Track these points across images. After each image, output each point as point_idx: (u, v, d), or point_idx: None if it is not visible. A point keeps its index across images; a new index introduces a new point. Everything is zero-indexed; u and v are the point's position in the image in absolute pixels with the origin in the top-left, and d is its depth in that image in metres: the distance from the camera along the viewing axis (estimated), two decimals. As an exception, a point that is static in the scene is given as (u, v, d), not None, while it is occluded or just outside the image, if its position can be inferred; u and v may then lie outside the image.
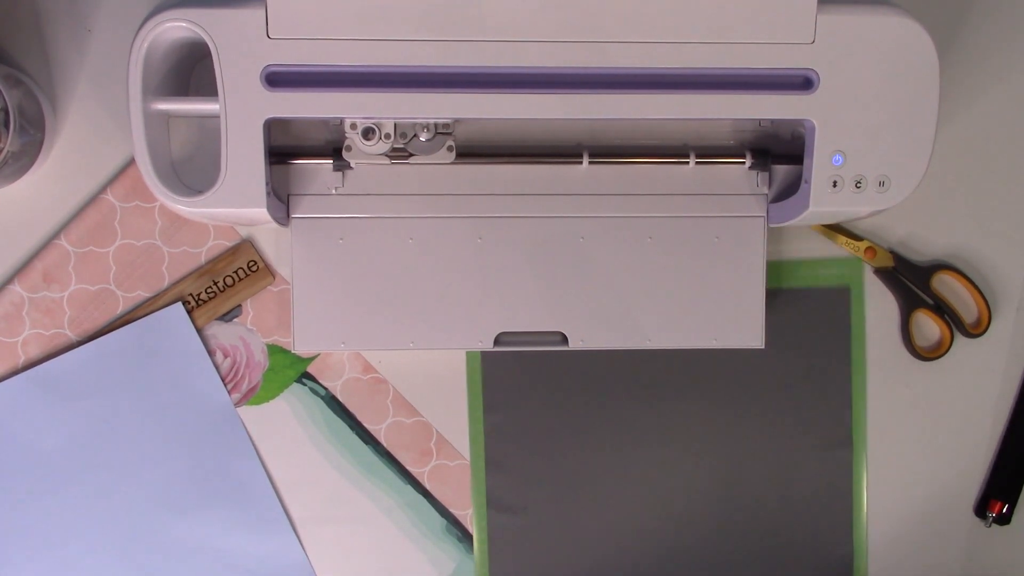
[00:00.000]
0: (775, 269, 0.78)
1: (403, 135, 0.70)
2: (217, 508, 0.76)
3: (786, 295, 0.79)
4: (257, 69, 0.64)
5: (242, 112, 0.64)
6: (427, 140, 0.71)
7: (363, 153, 0.70)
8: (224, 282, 0.75)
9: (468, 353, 0.78)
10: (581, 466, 0.79)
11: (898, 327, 0.80)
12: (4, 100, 0.67)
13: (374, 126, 0.70)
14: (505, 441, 0.79)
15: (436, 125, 0.70)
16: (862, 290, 0.79)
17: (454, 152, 0.71)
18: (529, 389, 0.79)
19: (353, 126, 0.70)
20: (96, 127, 0.75)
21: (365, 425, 0.77)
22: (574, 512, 0.79)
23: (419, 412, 0.78)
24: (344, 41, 0.64)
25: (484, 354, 0.79)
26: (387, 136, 0.70)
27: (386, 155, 0.71)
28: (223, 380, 0.76)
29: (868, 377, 0.79)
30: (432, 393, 0.78)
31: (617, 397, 0.79)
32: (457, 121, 0.71)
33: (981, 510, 0.80)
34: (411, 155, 0.71)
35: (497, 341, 0.74)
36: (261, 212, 0.66)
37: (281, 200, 0.71)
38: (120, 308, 0.75)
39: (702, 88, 0.66)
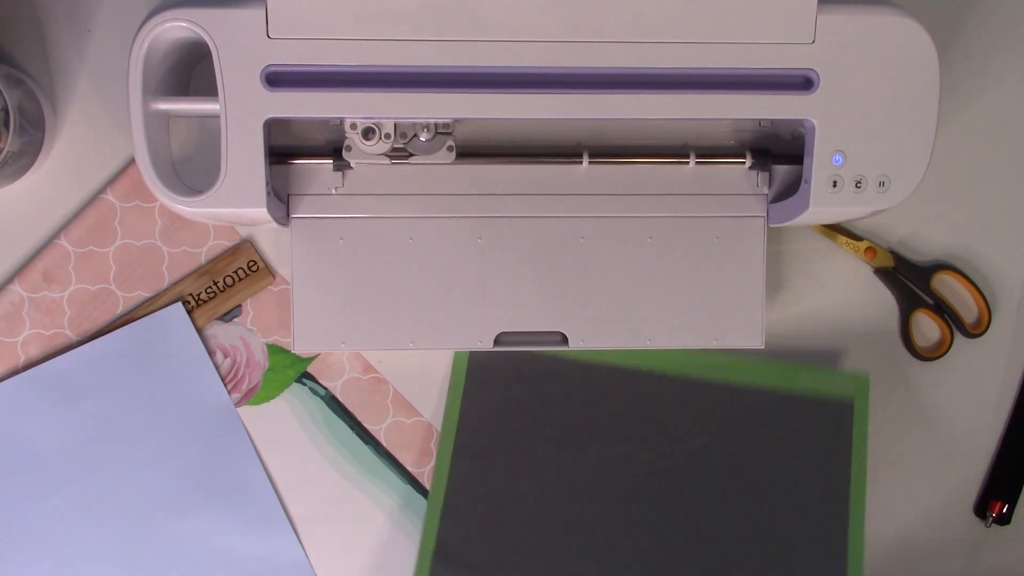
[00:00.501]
0: (773, 370, 0.77)
1: (403, 135, 0.70)
2: (217, 508, 0.76)
3: (785, 401, 0.76)
4: (257, 69, 0.64)
5: (242, 112, 0.64)
6: (427, 140, 0.71)
7: (363, 153, 0.70)
8: (224, 282, 0.75)
9: (452, 381, 0.77)
10: (544, 525, 0.76)
11: (898, 327, 0.80)
12: (4, 100, 0.67)
13: (374, 126, 0.70)
14: (468, 489, 0.76)
15: (436, 125, 0.70)
16: (866, 406, 0.76)
17: (454, 152, 0.71)
18: (504, 432, 0.77)
19: (353, 126, 0.70)
20: (96, 127, 0.75)
21: (365, 425, 0.77)
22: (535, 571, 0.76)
23: (419, 412, 0.78)
24: (344, 41, 0.64)
25: (467, 387, 0.77)
26: (387, 136, 0.70)
27: (386, 155, 0.71)
28: (223, 380, 0.76)
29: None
30: (432, 393, 0.78)
31: (597, 455, 0.77)
32: (457, 121, 0.71)
33: (981, 510, 0.80)
34: (411, 155, 0.71)
35: (497, 341, 0.74)
36: (261, 212, 0.66)
37: (281, 200, 0.71)
38: (120, 308, 0.75)
39: (702, 88, 0.66)
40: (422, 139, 0.71)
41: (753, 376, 0.77)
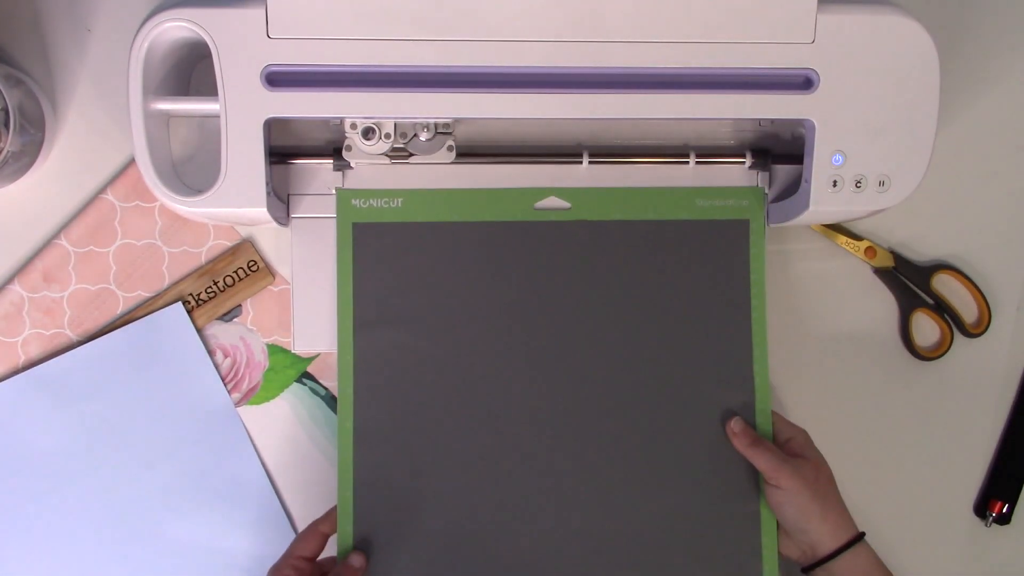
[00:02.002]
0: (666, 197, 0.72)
1: (403, 135, 0.70)
2: (217, 508, 0.76)
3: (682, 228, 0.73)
4: (257, 69, 0.64)
5: (242, 112, 0.64)
6: (427, 140, 0.71)
7: (363, 153, 0.70)
8: (224, 282, 0.75)
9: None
10: (461, 389, 0.72)
11: (898, 327, 0.80)
12: (4, 100, 0.67)
13: (374, 126, 0.70)
14: (376, 368, 0.72)
15: (436, 125, 0.70)
16: (762, 220, 0.73)
17: (454, 152, 0.71)
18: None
19: (353, 126, 0.70)
20: (96, 127, 0.75)
21: (365, 425, 0.77)
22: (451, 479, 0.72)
23: (419, 412, 0.78)
24: (344, 41, 0.64)
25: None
26: (387, 136, 0.70)
27: (386, 155, 0.71)
28: (223, 380, 0.76)
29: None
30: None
31: (502, 309, 0.73)
32: (457, 121, 0.71)
33: (981, 510, 0.80)
34: (411, 155, 0.71)
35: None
36: (261, 212, 0.66)
37: (281, 200, 0.71)
38: (120, 308, 0.75)
39: (702, 88, 0.66)
40: (422, 139, 0.71)
41: (647, 210, 0.73)
